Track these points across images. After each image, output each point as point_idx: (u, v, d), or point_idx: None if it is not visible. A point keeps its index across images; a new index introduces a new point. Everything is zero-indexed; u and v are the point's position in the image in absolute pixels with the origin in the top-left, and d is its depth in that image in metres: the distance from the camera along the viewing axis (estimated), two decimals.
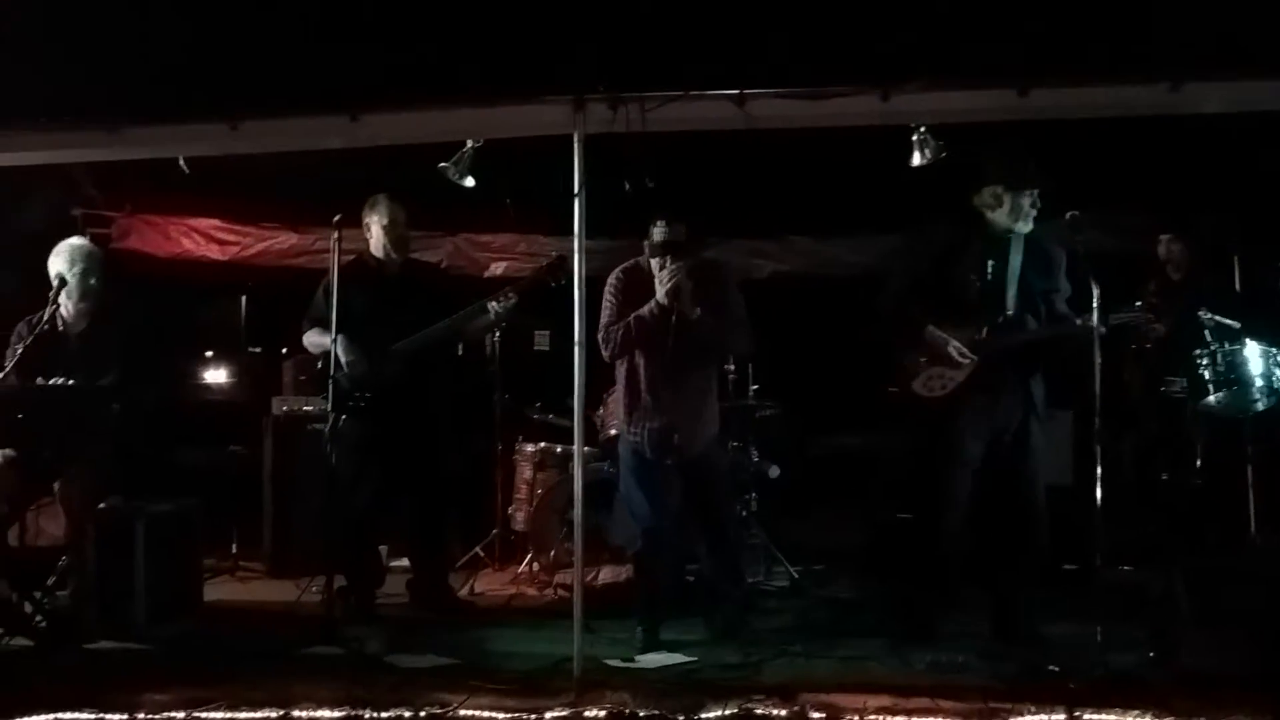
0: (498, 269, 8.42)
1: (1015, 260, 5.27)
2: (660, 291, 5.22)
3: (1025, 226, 5.26)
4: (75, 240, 5.95)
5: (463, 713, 4.30)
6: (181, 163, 5.58)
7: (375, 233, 6.01)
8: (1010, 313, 5.24)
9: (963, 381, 5.21)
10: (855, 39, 5.13)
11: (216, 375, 8.11)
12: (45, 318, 5.63)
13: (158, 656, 5.22)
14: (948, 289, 5.28)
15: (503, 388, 7.40)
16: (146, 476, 6.11)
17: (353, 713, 4.25)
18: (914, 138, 5.16)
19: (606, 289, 5.43)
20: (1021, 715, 4.18)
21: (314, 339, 5.98)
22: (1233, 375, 5.80)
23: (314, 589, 6.07)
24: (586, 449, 5.15)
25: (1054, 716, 4.16)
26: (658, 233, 5.28)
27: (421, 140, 5.27)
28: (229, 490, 7.19)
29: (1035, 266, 5.29)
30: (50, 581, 5.61)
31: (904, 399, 5.31)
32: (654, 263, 5.31)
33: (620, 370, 5.47)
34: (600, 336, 5.34)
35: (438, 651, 5.13)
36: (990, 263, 5.26)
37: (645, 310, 5.26)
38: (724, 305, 5.39)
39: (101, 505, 5.63)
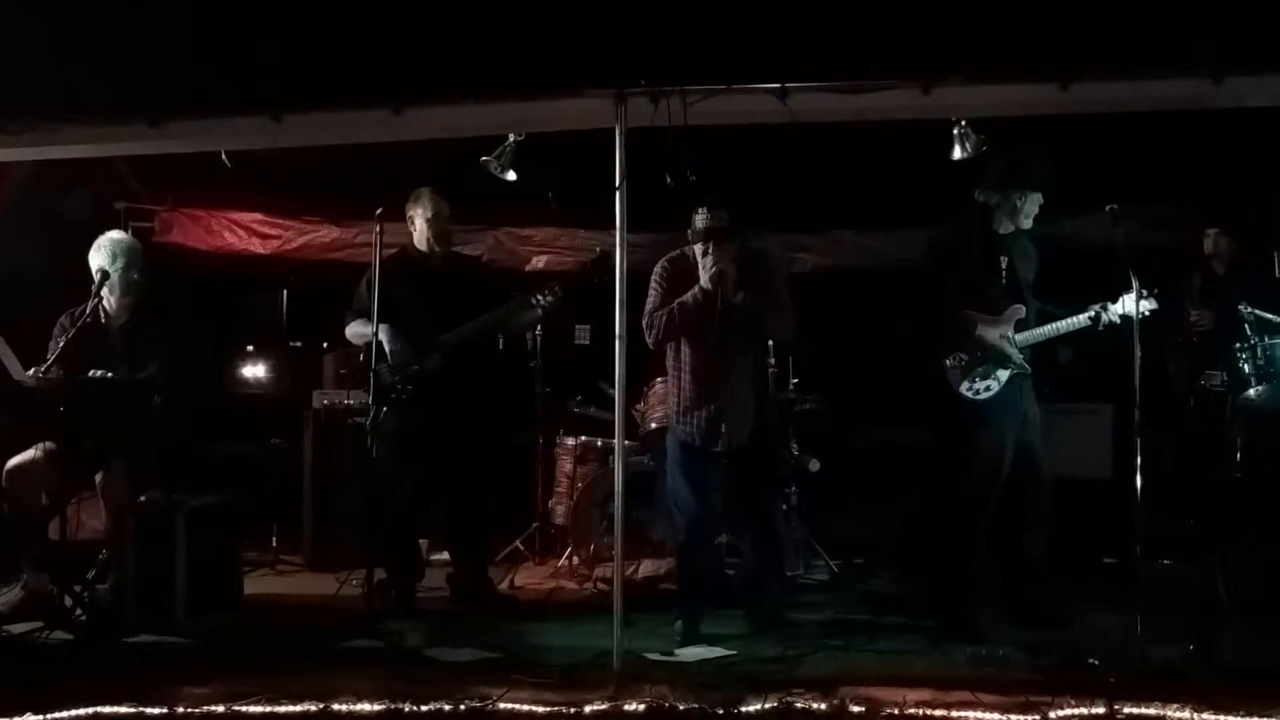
0: (539, 263, 8.42)
1: (1017, 257, 5.42)
2: (704, 276, 5.24)
3: (1027, 224, 5.42)
4: (117, 234, 5.98)
5: (503, 706, 4.32)
6: (224, 156, 5.65)
7: (419, 226, 6.05)
8: (1028, 309, 5.34)
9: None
10: (897, 32, 5.11)
11: (258, 369, 8.17)
12: (88, 311, 5.68)
13: (197, 650, 5.26)
14: (978, 287, 5.33)
15: (544, 381, 7.42)
16: (187, 470, 6.16)
17: (393, 706, 4.28)
18: (955, 131, 5.18)
19: (653, 276, 5.46)
20: (1061, 708, 4.17)
21: (357, 329, 6.01)
22: (1273, 369, 5.80)
23: (354, 582, 6.12)
24: (627, 443, 5.17)
25: (1094, 709, 4.15)
26: (700, 219, 5.29)
27: (463, 134, 5.30)
28: (270, 484, 7.26)
29: (1026, 262, 5.46)
30: (91, 575, 5.64)
31: (941, 398, 5.32)
32: (697, 249, 5.33)
33: (668, 361, 5.50)
34: (645, 322, 5.37)
35: (477, 645, 5.17)
36: (1003, 260, 5.35)
37: (689, 296, 5.28)
38: (768, 291, 5.40)
39: (142, 498, 5.67)
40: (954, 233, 5.49)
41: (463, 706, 4.31)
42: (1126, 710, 4.14)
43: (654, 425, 6.44)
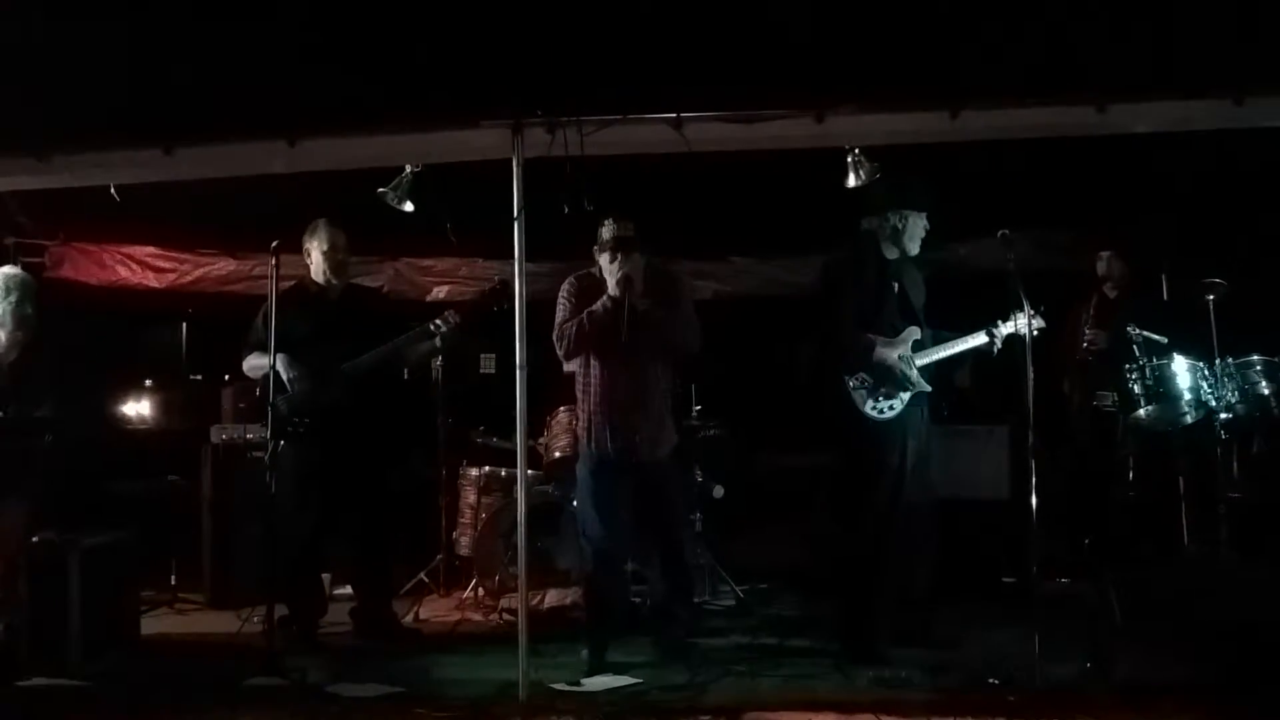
0: (440, 293, 8.40)
1: (908, 282, 5.52)
2: (611, 284, 5.28)
3: (915, 248, 5.49)
4: (7, 269, 5.85)
5: None
6: (113, 190, 5.54)
7: (315, 258, 5.98)
8: (922, 331, 5.43)
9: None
10: (790, 64, 5.21)
11: (155, 403, 8.02)
12: None
13: (93, 693, 5.13)
14: (873, 311, 5.42)
15: (446, 412, 7.37)
16: (82, 509, 6.01)
17: None
18: (849, 159, 5.27)
19: (561, 292, 5.47)
20: None
21: (254, 362, 5.91)
22: (1161, 389, 5.96)
23: (255, 619, 6.01)
24: (531, 472, 5.16)
25: None
26: (607, 229, 5.33)
27: (360, 165, 5.28)
28: (167, 521, 7.11)
29: (915, 287, 5.55)
30: None
31: (845, 419, 5.38)
32: (604, 259, 5.36)
33: (578, 379, 5.48)
34: (555, 335, 5.37)
35: (382, 680, 5.09)
36: (894, 285, 5.45)
37: (598, 305, 5.30)
38: (674, 302, 5.45)
39: (34, 539, 5.52)
40: (846, 259, 5.57)
41: None
42: None
43: (557, 454, 6.44)
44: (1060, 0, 5.71)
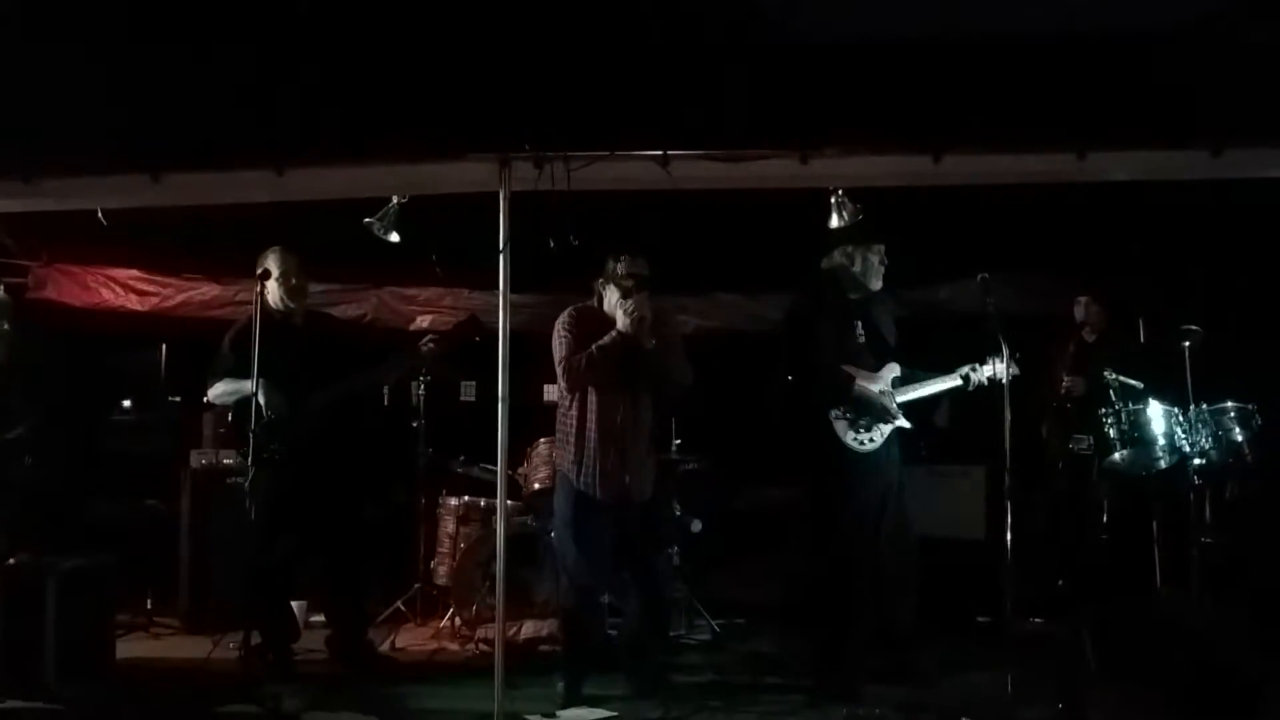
0: (423, 322, 8.39)
1: (879, 320, 5.59)
2: (622, 321, 5.29)
3: (876, 283, 5.57)
4: None
5: None
6: (100, 214, 5.54)
7: (270, 285, 5.89)
8: (900, 369, 5.49)
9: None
10: (776, 106, 5.27)
11: (135, 426, 7.98)
12: None
13: (68, 716, 5.11)
14: (840, 348, 5.48)
15: (427, 441, 7.37)
16: (59, 531, 5.99)
17: None
18: (832, 200, 5.32)
19: (560, 326, 5.45)
20: None
21: (222, 389, 5.89)
22: (1137, 434, 6.04)
23: (230, 645, 5.99)
24: (510, 503, 5.17)
25: None
26: (623, 266, 5.38)
27: (346, 196, 5.30)
28: (145, 545, 7.07)
29: (885, 326, 5.62)
30: None
31: (824, 451, 5.42)
32: (612, 295, 5.40)
33: (571, 413, 5.46)
34: (561, 369, 5.37)
35: (356, 709, 5.11)
36: (858, 323, 5.52)
37: (607, 339, 5.31)
38: (670, 338, 5.50)
39: (10, 561, 5.51)
40: (808, 296, 5.65)
41: None
42: None
43: (537, 486, 6.46)
44: (1043, 49, 5.78)
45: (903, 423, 5.44)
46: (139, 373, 8.27)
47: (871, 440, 5.40)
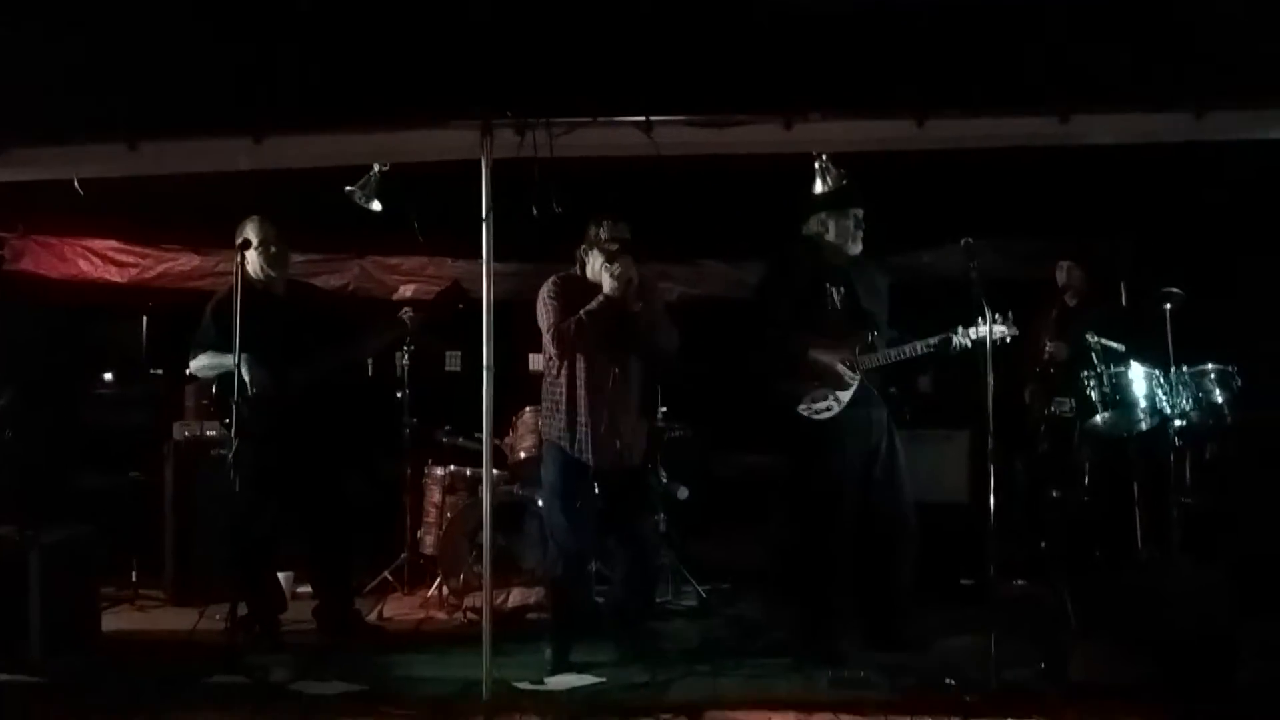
0: (406, 291, 8.38)
1: (858, 286, 5.54)
2: (608, 284, 5.28)
3: (855, 248, 5.56)
4: None
5: None
6: (76, 184, 5.49)
7: (250, 255, 5.84)
8: (873, 334, 5.45)
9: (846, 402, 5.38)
10: (760, 71, 5.25)
11: (117, 399, 7.95)
12: None
13: (53, 689, 5.09)
14: (808, 315, 5.46)
15: (412, 411, 7.36)
16: (42, 503, 5.96)
17: None
18: (816, 165, 5.31)
19: (545, 294, 5.43)
20: None
21: (204, 361, 5.86)
22: (1118, 396, 6.07)
23: (216, 617, 5.98)
24: (496, 472, 5.17)
25: None
26: (605, 230, 5.36)
27: (328, 163, 5.26)
28: (129, 517, 7.06)
29: (867, 292, 5.56)
30: None
31: (790, 422, 5.44)
32: (596, 259, 5.39)
33: (560, 379, 5.43)
34: (550, 335, 5.34)
35: (345, 678, 5.10)
36: (834, 289, 5.50)
37: (595, 304, 5.30)
38: (655, 303, 5.49)
39: None
40: (775, 265, 5.66)
41: None
42: None
43: (523, 455, 6.46)
44: (1025, 13, 5.77)
45: (862, 388, 5.40)
46: (120, 345, 8.25)
47: (828, 409, 5.38)
